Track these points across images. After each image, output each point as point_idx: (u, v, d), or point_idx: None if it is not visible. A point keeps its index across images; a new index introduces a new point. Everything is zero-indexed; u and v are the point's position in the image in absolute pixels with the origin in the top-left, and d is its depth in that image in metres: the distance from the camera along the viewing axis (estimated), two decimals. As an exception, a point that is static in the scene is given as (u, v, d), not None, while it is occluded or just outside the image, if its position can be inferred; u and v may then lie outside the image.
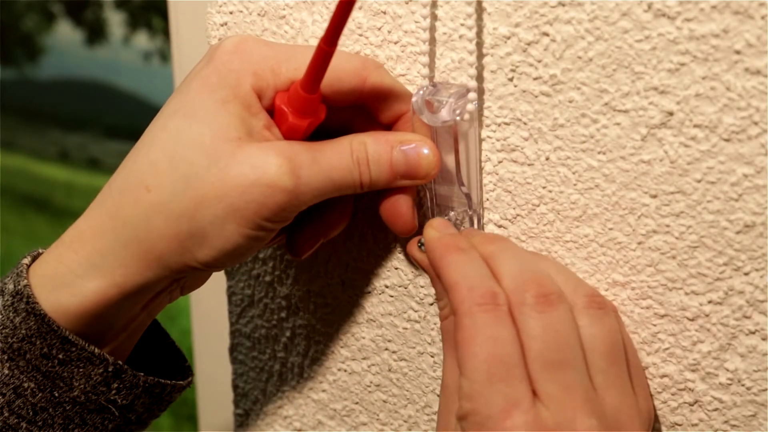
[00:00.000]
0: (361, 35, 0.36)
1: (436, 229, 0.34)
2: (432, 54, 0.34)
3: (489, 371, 0.30)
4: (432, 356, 0.39)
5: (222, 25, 0.41)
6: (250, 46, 0.33)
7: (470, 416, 0.30)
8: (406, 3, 0.35)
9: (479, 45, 0.33)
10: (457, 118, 0.33)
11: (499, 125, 0.34)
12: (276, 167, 0.31)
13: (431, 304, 0.39)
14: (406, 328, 0.40)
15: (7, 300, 0.33)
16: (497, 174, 0.35)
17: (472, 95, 0.33)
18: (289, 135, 0.33)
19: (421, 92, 0.34)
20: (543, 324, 0.30)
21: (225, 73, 0.33)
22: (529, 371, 0.30)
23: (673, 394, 0.33)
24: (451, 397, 0.32)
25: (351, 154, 0.33)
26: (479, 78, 0.34)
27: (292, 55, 0.33)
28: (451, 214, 0.36)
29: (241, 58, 0.33)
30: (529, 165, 0.34)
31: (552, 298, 0.31)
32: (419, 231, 0.36)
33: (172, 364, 0.39)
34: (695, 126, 0.30)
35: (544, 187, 0.34)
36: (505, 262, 0.32)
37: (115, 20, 1.00)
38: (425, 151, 0.34)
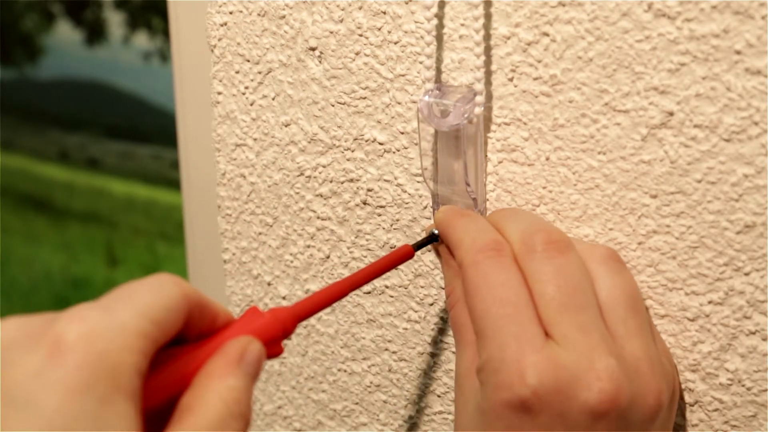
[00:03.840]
0: (361, 35, 0.36)
1: (443, 211, 0.35)
2: (433, 55, 0.34)
3: (498, 315, 0.29)
4: (432, 356, 0.39)
5: (222, 25, 0.41)
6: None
7: (486, 365, 0.30)
8: (407, 3, 0.35)
9: (487, 48, 0.33)
10: (465, 122, 0.33)
11: (500, 125, 0.34)
12: None
13: (431, 305, 0.39)
14: (406, 329, 0.40)
15: None
16: (497, 174, 0.35)
17: (479, 98, 0.33)
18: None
19: (427, 97, 0.34)
20: (553, 269, 0.30)
21: (95, 360, 0.23)
22: (542, 316, 0.30)
23: (673, 395, 0.33)
24: (466, 380, 0.31)
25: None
26: (485, 82, 0.34)
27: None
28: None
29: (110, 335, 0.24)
30: (529, 165, 0.34)
31: (561, 245, 0.31)
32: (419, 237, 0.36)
33: None
34: (695, 126, 0.30)
35: (544, 188, 0.34)
36: (512, 221, 0.32)
37: (115, 20, 1.00)
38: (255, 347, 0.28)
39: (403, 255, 0.34)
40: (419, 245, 0.35)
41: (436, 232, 0.35)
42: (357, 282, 0.32)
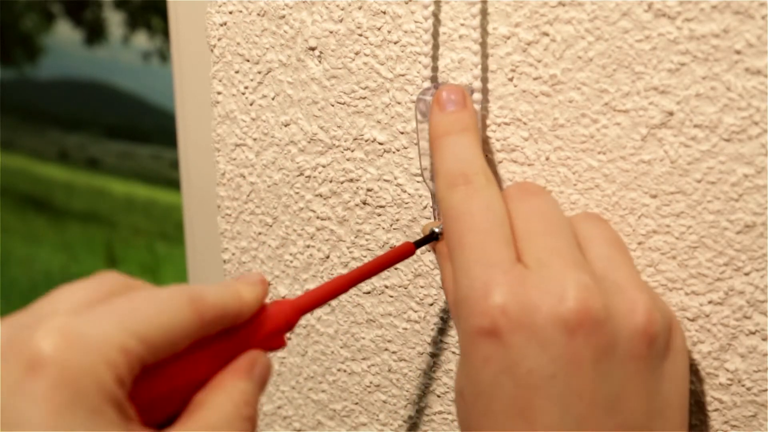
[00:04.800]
0: (360, 35, 0.36)
1: (435, 122, 0.32)
2: (432, 54, 0.34)
3: (464, 245, 0.28)
4: (432, 357, 0.39)
5: (222, 25, 0.41)
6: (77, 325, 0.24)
7: (457, 297, 0.29)
8: (406, 3, 0.35)
9: (483, 45, 0.33)
10: None
11: (499, 125, 0.34)
12: None
13: (431, 305, 0.39)
14: (406, 329, 0.40)
15: None
16: (497, 174, 0.35)
17: (477, 96, 0.33)
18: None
19: (425, 96, 0.34)
20: (528, 206, 0.30)
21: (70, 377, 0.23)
22: (516, 246, 0.29)
23: (673, 395, 0.33)
24: None
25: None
26: (482, 78, 0.34)
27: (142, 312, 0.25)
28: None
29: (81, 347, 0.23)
30: (529, 165, 0.34)
31: (535, 189, 0.30)
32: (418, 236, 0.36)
33: None
34: (695, 126, 0.30)
35: (544, 188, 0.34)
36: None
37: (115, 20, 1.00)
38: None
39: (405, 252, 0.34)
40: (420, 243, 0.35)
41: (437, 230, 0.35)
42: (359, 277, 0.32)
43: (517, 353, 0.27)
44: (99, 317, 0.24)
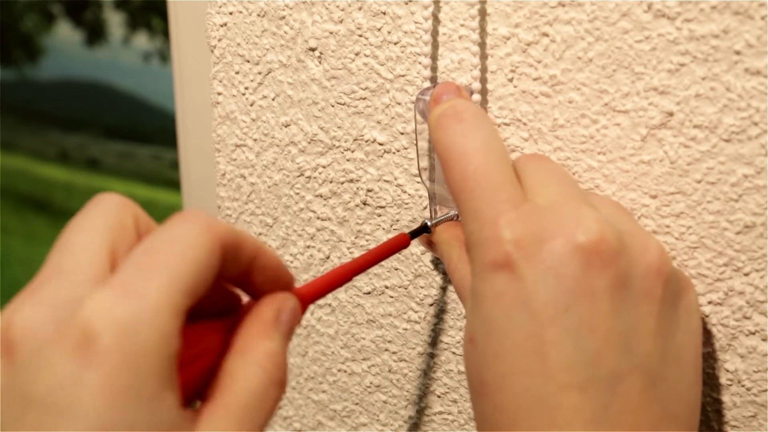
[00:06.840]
0: (360, 36, 0.36)
1: (437, 101, 0.31)
2: (432, 55, 0.34)
3: (466, 188, 0.28)
4: (432, 357, 0.40)
5: (222, 26, 0.41)
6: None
7: (468, 240, 0.28)
8: (406, 4, 0.35)
9: (482, 46, 0.33)
10: None
11: (499, 126, 0.34)
12: None
13: (431, 305, 0.39)
14: (406, 329, 0.40)
15: None
16: (497, 175, 0.35)
17: (476, 96, 0.33)
18: None
19: (425, 96, 0.34)
20: (537, 165, 0.29)
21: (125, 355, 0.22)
22: (526, 190, 0.28)
23: (673, 395, 0.33)
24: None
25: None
26: (481, 79, 0.34)
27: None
28: (452, 212, 0.36)
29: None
30: (529, 165, 0.34)
31: (545, 157, 0.30)
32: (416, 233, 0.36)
33: None
34: (695, 126, 0.30)
35: (544, 188, 0.34)
36: None
37: (115, 21, 1.00)
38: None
39: (400, 243, 0.34)
40: (414, 233, 0.35)
41: (429, 223, 0.35)
42: (359, 267, 0.32)
43: (532, 286, 0.26)
44: (142, 286, 0.22)
